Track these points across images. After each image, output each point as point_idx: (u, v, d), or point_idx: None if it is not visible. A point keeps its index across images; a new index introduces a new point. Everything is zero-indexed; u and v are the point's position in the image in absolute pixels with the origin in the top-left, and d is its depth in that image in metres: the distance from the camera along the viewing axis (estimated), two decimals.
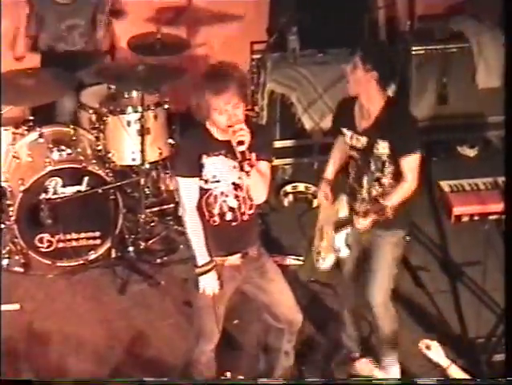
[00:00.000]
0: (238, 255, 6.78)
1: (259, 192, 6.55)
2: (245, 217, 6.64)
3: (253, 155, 6.37)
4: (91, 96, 9.34)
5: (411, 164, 7.15)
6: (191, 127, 7.01)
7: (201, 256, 6.56)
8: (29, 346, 8.19)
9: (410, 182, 7.22)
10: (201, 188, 6.51)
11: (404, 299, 8.76)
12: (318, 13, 10.06)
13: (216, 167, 6.47)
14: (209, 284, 6.69)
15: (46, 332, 8.28)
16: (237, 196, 6.56)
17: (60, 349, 8.15)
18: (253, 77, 9.74)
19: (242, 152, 6.23)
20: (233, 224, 6.59)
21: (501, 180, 8.38)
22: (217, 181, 6.49)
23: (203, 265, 6.57)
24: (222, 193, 6.55)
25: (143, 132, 8.93)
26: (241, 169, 6.31)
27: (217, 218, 6.56)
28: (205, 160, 6.44)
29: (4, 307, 8.49)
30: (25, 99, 8.93)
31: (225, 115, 6.23)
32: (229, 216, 6.57)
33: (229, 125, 6.25)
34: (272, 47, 9.52)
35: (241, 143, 6.18)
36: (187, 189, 6.43)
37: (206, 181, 6.46)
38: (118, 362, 8.05)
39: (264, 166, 6.52)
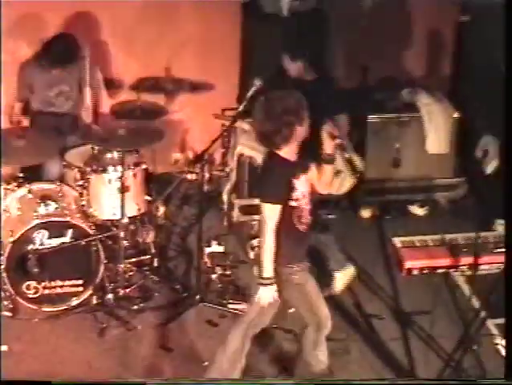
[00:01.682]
0: None
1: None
2: None
3: None
4: (76, 156, 9.45)
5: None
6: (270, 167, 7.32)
7: (268, 269, 6.92)
8: None
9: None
10: (292, 207, 6.99)
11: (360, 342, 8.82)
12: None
13: (302, 185, 7.02)
14: (267, 296, 7.05)
15: (33, 373, 8.27)
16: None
17: None
18: (223, 141, 9.86)
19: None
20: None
21: (448, 237, 8.75)
22: (304, 196, 7.00)
23: (268, 278, 6.97)
24: (306, 203, 7.06)
25: (123, 190, 8.98)
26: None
27: (305, 226, 7.16)
28: (296, 183, 6.93)
29: None
30: (16, 159, 9.01)
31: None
32: (309, 219, 7.18)
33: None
34: (241, 114, 9.21)
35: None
36: (273, 213, 6.85)
37: (297, 200, 6.94)
38: None
39: None
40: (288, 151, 7.01)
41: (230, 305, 9.13)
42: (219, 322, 8.92)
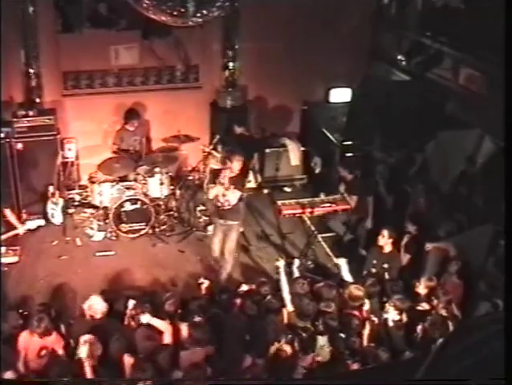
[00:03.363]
0: None
1: None
2: None
3: None
4: (141, 170, 9.35)
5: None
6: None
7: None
8: (116, 272, 8.46)
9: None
10: None
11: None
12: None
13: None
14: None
15: (126, 266, 8.59)
16: None
17: (132, 269, 8.52)
18: (204, 161, 9.68)
19: None
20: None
21: (300, 200, 8.41)
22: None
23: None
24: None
25: (161, 184, 9.25)
26: None
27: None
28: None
29: (106, 253, 8.85)
30: (115, 173, 9.14)
31: None
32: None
33: None
34: (211, 150, 9.58)
35: None
36: None
37: None
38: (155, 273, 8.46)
39: None
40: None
41: (208, 233, 9.21)
42: (204, 240, 9.20)
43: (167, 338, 6.31)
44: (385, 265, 7.71)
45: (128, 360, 5.88)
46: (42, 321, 6.21)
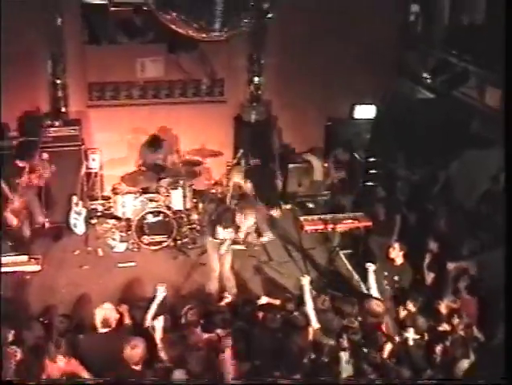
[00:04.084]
0: None
1: None
2: None
3: None
4: (164, 182, 9.42)
5: None
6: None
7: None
8: (137, 283, 8.48)
9: None
10: None
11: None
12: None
13: None
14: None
15: (147, 276, 8.57)
16: None
17: (153, 281, 8.00)
18: (227, 175, 9.59)
19: None
20: None
21: (323, 216, 8.56)
22: None
23: None
24: None
25: (184, 196, 9.41)
26: None
27: None
28: None
29: (127, 264, 8.88)
30: (138, 184, 9.31)
31: None
32: None
33: None
34: (235, 163, 9.64)
35: None
36: None
37: None
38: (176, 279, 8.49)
39: None
40: None
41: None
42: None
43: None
44: (396, 278, 7.71)
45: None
46: (60, 343, 6.10)
